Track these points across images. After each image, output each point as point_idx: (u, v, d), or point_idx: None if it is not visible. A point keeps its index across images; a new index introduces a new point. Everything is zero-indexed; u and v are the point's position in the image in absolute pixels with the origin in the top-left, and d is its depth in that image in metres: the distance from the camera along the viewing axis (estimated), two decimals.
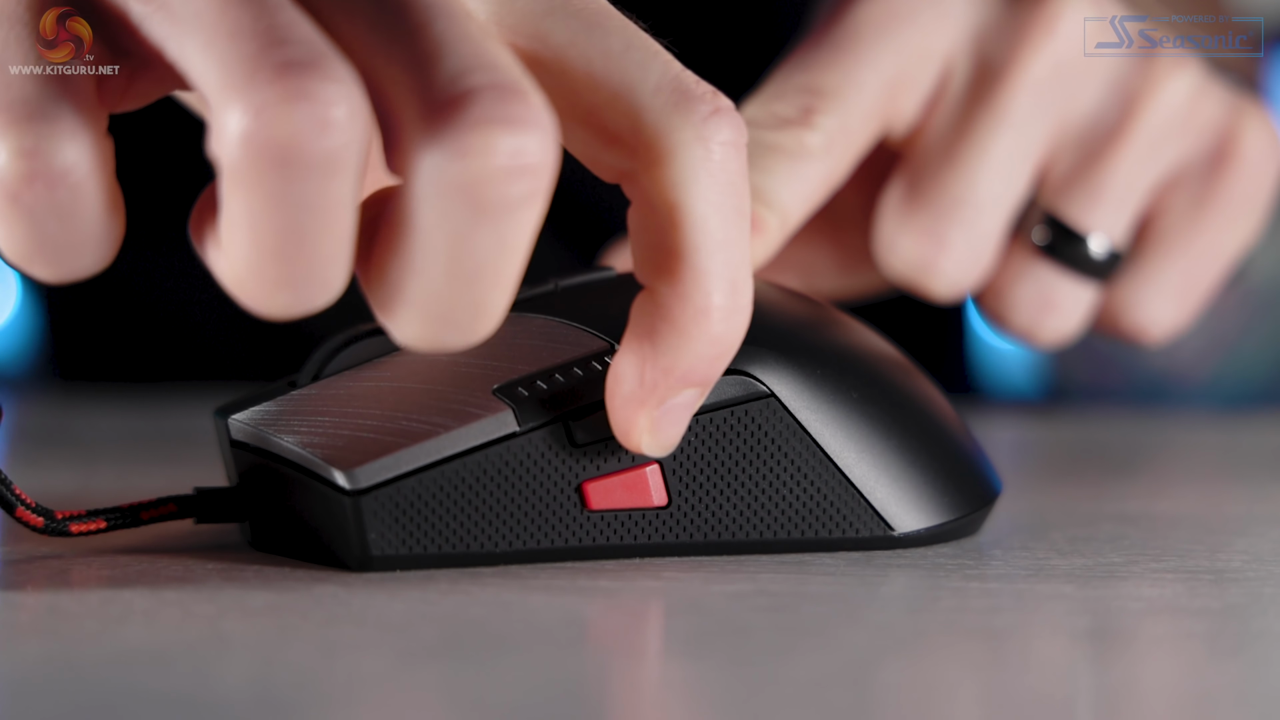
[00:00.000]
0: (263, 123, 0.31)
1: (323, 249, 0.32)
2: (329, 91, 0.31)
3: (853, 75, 0.47)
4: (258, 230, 0.32)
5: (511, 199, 0.32)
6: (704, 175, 0.34)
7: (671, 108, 0.34)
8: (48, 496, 0.39)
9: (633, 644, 0.33)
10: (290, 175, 0.31)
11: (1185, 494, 0.55)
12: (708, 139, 0.34)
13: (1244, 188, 0.50)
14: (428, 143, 0.32)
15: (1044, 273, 0.49)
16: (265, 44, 0.32)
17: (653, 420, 0.36)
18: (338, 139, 0.31)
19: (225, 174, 0.32)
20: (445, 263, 0.32)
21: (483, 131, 0.32)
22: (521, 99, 0.32)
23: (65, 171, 0.32)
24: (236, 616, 0.33)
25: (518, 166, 0.32)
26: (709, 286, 0.35)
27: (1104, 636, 0.33)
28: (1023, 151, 0.48)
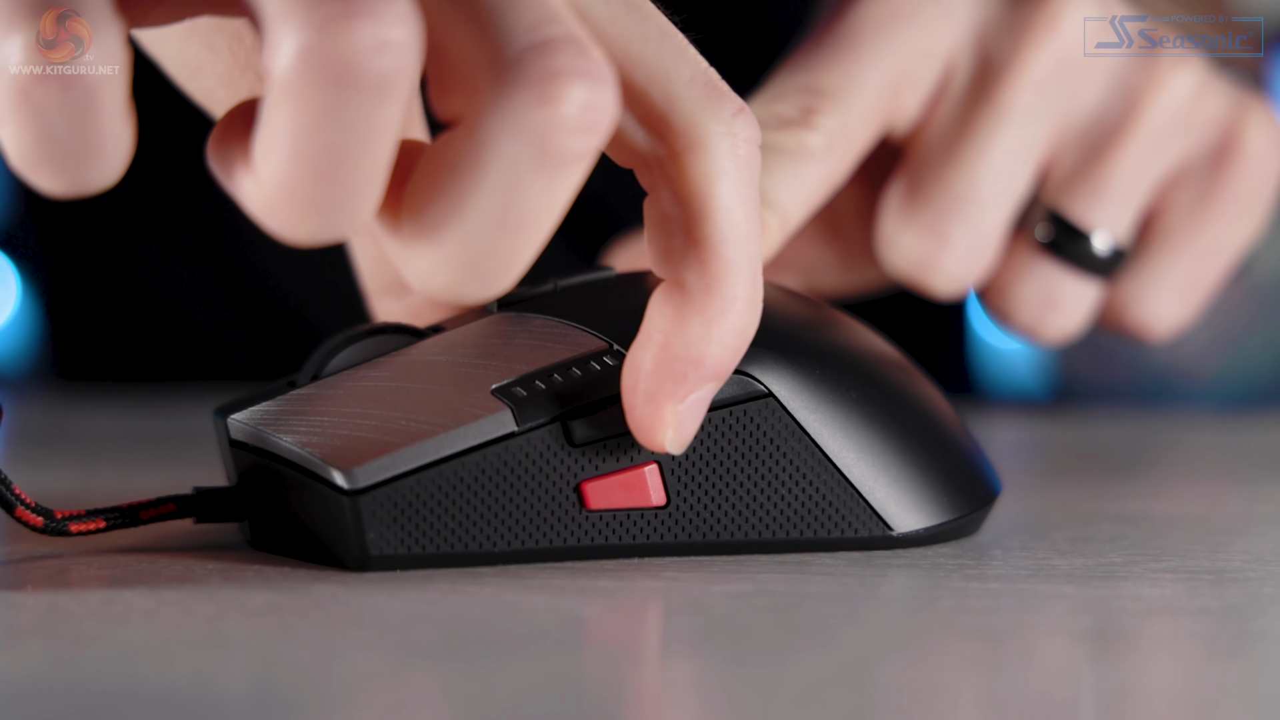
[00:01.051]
0: (324, 37, 0.31)
1: (361, 173, 0.32)
2: (391, 11, 0.31)
3: (854, 75, 0.47)
4: (301, 147, 0.32)
5: (575, 151, 0.32)
6: (732, 168, 0.35)
7: (705, 100, 0.35)
8: (48, 496, 0.39)
9: (633, 644, 0.33)
10: (344, 92, 0.31)
11: (1185, 494, 0.55)
12: (736, 134, 0.35)
13: (1247, 184, 0.50)
14: (505, 88, 0.32)
15: (1047, 270, 0.49)
16: None
17: (678, 415, 0.36)
18: (395, 60, 0.31)
19: (276, 87, 0.31)
20: (495, 208, 0.32)
21: (563, 81, 0.32)
22: (594, 54, 0.32)
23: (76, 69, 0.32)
24: (236, 616, 0.33)
25: (588, 120, 0.32)
26: (736, 277, 0.35)
27: (1104, 636, 0.33)
28: (1024, 149, 0.48)
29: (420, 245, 0.33)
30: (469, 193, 0.32)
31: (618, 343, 0.38)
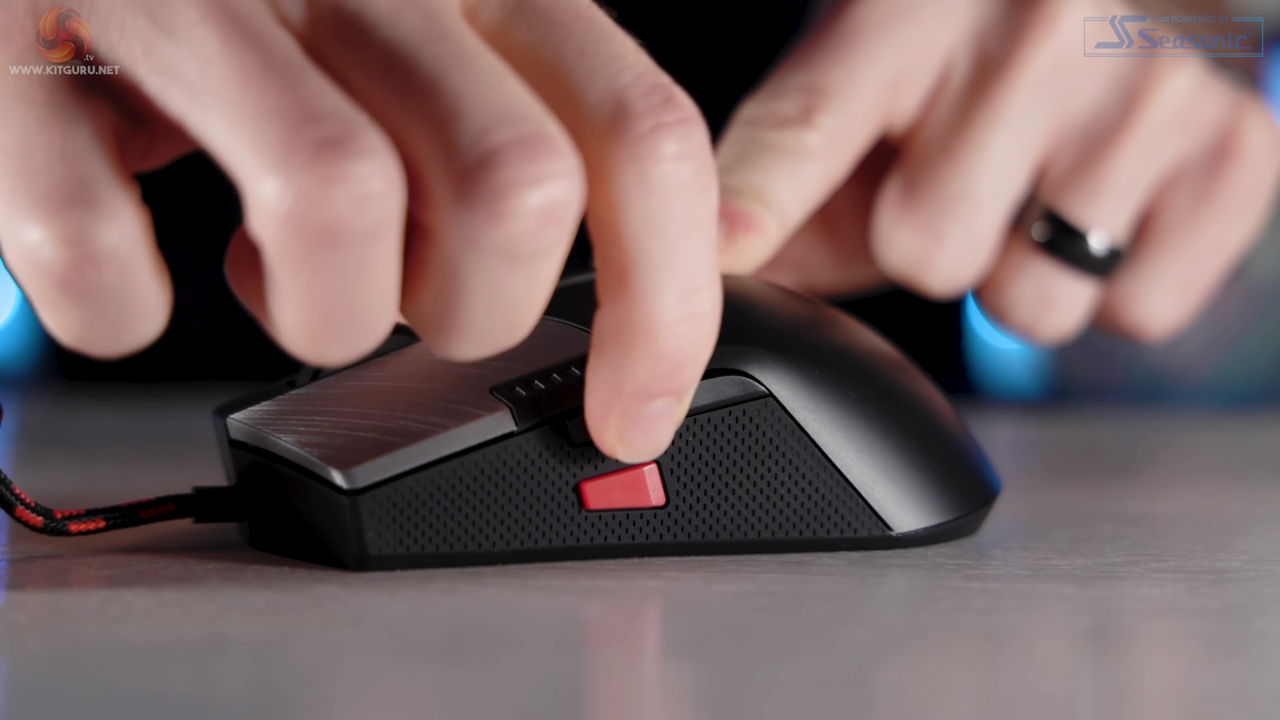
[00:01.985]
0: (303, 207, 0.32)
1: (371, 305, 0.33)
2: (365, 168, 0.32)
3: (853, 74, 0.47)
4: (307, 301, 0.32)
5: (544, 246, 0.33)
6: (638, 195, 0.34)
7: (608, 125, 0.34)
8: (48, 496, 0.39)
9: (633, 644, 0.33)
10: (334, 252, 0.32)
11: (1185, 494, 0.55)
12: (643, 158, 0.34)
13: (1245, 185, 0.50)
14: (458, 206, 0.32)
15: (1044, 269, 0.49)
16: (295, 123, 0.32)
17: (619, 432, 0.36)
18: (378, 212, 0.32)
19: (268, 252, 0.32)
20: (482, 304, 0.33)
21: (512, 196, 0.32)
22: (544, 147, 0.32)
23: (111, 252, 0.33)
24: (236, 616, 0.33)
25: (548, 221, 0.32)
26: (648, 305, 0.34)
27: (1104, 636, 0.33)
28: (1022, 147, 0.48)
29: (434, 331, 0.34)
30: (457, 296, 0.33)
31: None
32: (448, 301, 0.33)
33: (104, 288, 0.33)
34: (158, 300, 0.33)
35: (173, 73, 0.33)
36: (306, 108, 0.32)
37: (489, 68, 0.33)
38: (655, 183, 0.34)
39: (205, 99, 0.33)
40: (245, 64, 0.32)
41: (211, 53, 0.33)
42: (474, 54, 0.33)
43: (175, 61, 0.33)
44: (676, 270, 0.34)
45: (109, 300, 0.33)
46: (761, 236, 0.44)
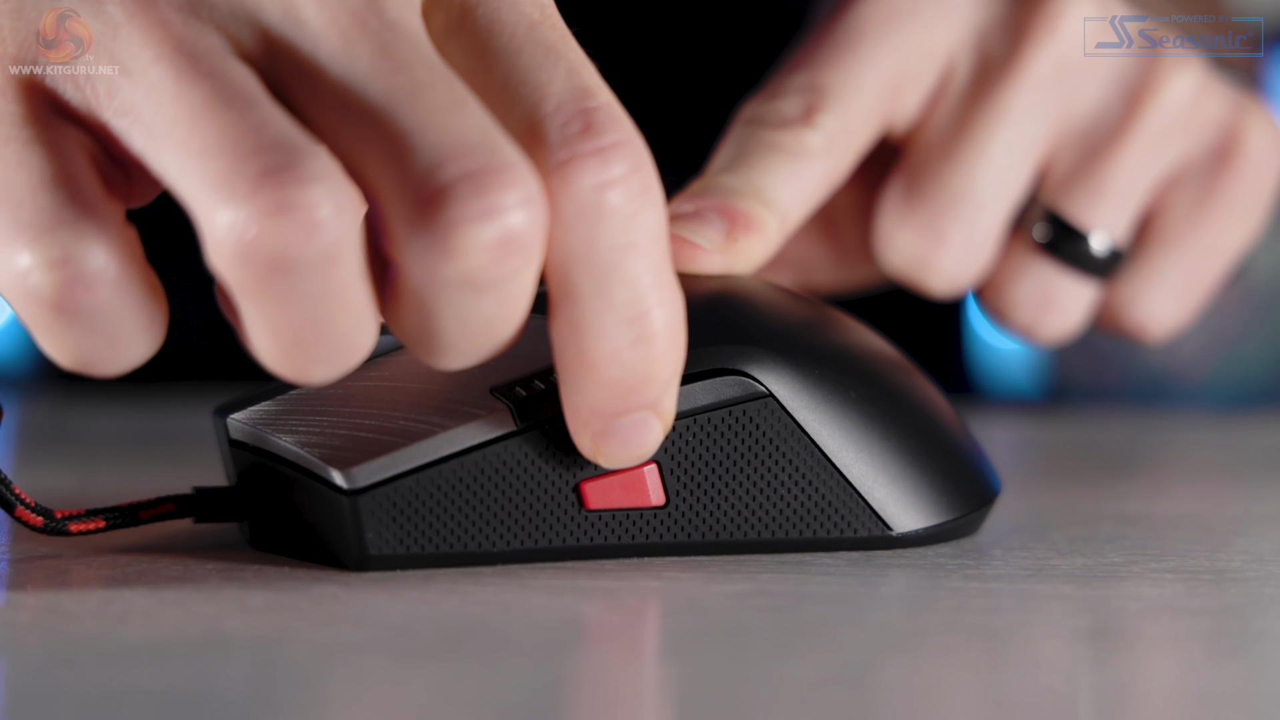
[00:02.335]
0: (251, 239, 0.32)
1: (343, 325, 0.33)
2: (309, 195, 0.32)
3: (854, 74, 0.47)
4: (274, 329, 0.33)
5: (507, 273, 0.33)
6: (556, 229, 0.34)
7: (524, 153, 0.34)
8: (48, 496, 0.39)
9: (633, 644, 0.33)
10: (290, 279, 0.32)
11: (1185, 494, 0.55)
12: (555, 191, 0.33)
13: (1246, 186, 0.50)
14: (413, 242, 0.32)
15: (1045, 270, 0.49)
16: (241, 155, 0.32)
17: (594, 443, 0.36)
18: (329, 235, 0.32)
19: (228, 285, 0.32)
20: (456, 326, 0.33)
21: (465, 231, 0.32)
22: (497, 178, 0.32)
23: (100, 271, 0.33)
24: (236, 616, 0.33)
25: (507, 248, 0.32)
26: (583, 337, 0.34)
27: (1104, 636, 0.33)
28: (1023, 148, 0.48)
29: (418, 347, 0.34)
30: (430, 321, 0.33)
31: None
32: (422, 325, 0.33)
33: (96, 307, 0.33)
34: (153, 315, 0.34)
35: (132, 113, 0.33)
36: (252, 139, 0.32)
37: (442, 98, 0.33)
38: (571, 216, 0.33)
39: (159, 137, 0.33)
40: (195, 99, 0.32)
41: (165, 91, 0.33)
42: (427, 85, 0.33)
43: (134, 102, 0.33)
44: (611, 299, 0.34)
45: (103, 320, 0.33)
46: (762, 237, 0.44)
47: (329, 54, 0.33)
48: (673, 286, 0.35)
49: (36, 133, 0.34)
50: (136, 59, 0.33)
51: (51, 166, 0.33)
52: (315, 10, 0.33)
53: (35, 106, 0.34)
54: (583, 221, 0.34)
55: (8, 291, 0.33)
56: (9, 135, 0.34)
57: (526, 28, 0.35)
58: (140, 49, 0.33)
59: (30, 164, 0.33)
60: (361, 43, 0.33)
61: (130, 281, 0.33)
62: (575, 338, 0.34)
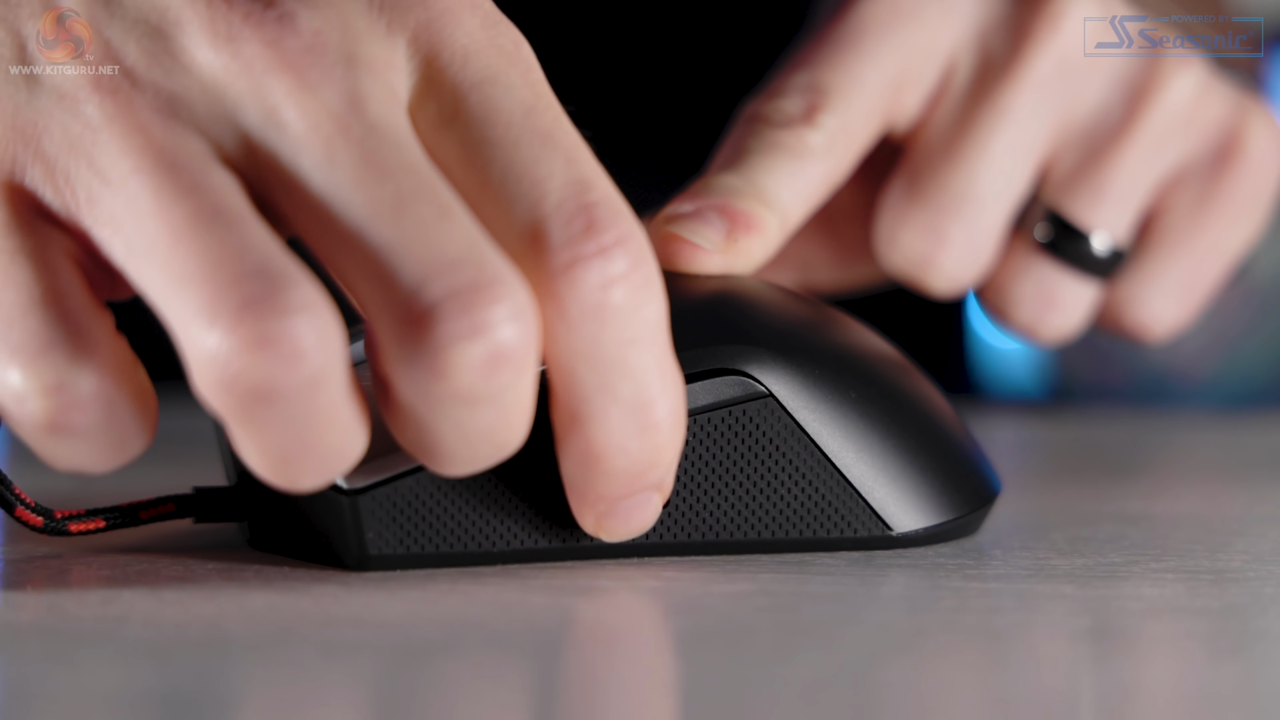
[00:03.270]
0: (234, 370, 0.31)
1: (330, 442, 0.33)
2: (291, 327, 0.31)
3: (856, 74, 0.47)
4: (262, 450, 0.32)
5: (501, 387, 0.32)
6: (561, 329, 0.33)
7: (525, 258, 0.33)
8: (47, 496, 0.39)
9: (633, 644, 0.33)
10: (275, 407, 0.32)
11: (1185, 494, 0.55)
12: (560, 294, 0.33)
13: (1248, 186, 0.50)
14: (403, 361, 0.32)
15: (1046, 270, 0.49)
16: (221, 283, 0.32)
17: (595, 521, 0.36)
18: (312, 365, 0.32)
19: (212, 409, 0.32)
20: (456, 439, 0.33)
21: (452, 352, 0.32)
22: (484, 294, 0.32)
23: (93, 394, 0.33)
24: (236, 616, 0.33)
25: (497, 364, 0.32)
26: (591, 432, 0.34)
27: (1104, 636, 0.33)
28: (1024, 148, 0.48)
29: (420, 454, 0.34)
30: (428, 436, 0.33)
31: None
32: (422, 436, 0.33)
33: (89, 426, 0.33)
34: (142, 423, 0.34)
35: (113, 224, 0.33)
36: (233, 266, 0.32)
37: (428, 208, 0.32)
38: (576, 317, 0.33)
39: (139, 254, 0.32)
40: (175, 219, 0.32)
41: (144, 206, 0.32)
42: (411, 195, 0.33)
43: (115, 213, 0.33)
44: (617, 394, 0.34)
45: (95, 434, 0.33)
46: (762, 237, 0.44)
47: (311, 165, 0.33)
48: (673, 373, 0.35)
49: (22, 242, 0.33)
50: (116, 167, 0.33)
51: (40, 284, 0.33)
52: (296, 115, 0.33)
53: (18, 210, 0.34)
54: (588, 321, 0.33)
55: (1, 408, 0.33)
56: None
57: (522, 114, 0.34)
58: (119, 157, 0.33)
59: (18, 281, 0.33)
60: (344, 151, 0.33)
61: (121, 398, 0.33)
62: (581, 431, 0.34)
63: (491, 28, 0.35)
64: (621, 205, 0.34)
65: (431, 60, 0.34)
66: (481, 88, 0.34)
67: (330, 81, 0.33)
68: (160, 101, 0.33)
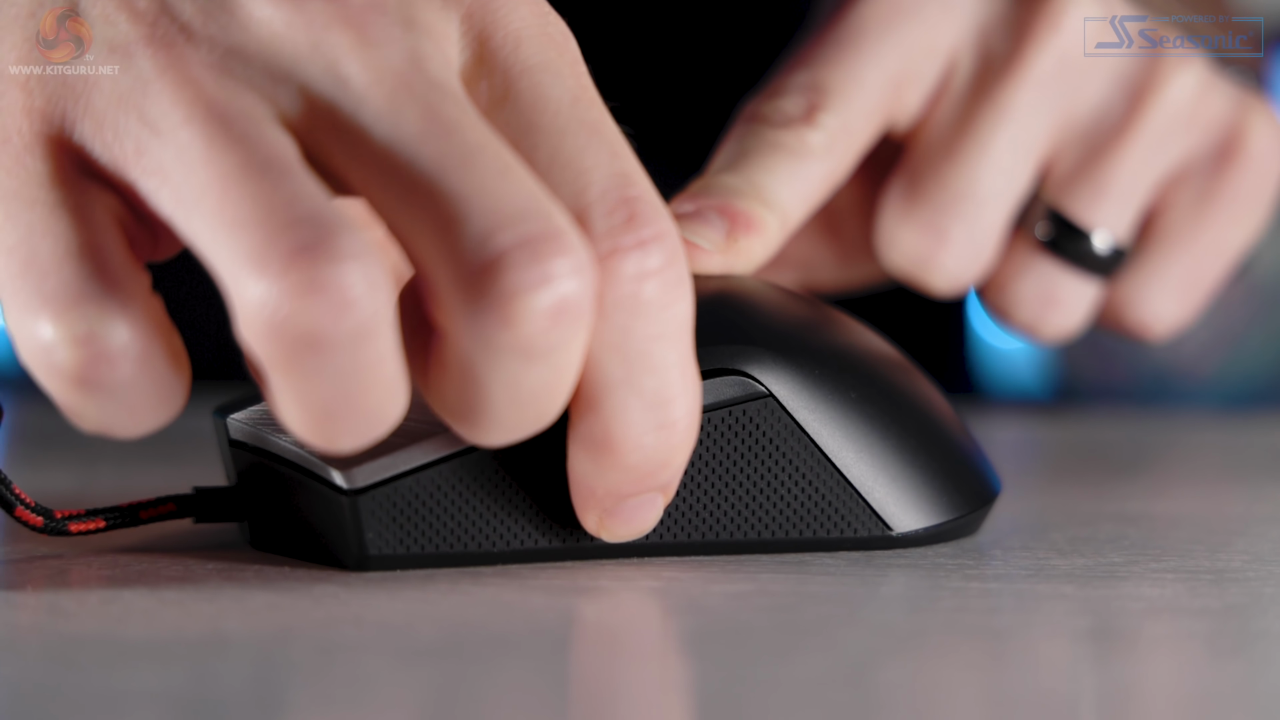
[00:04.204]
0: (282, 316, 0.31)
1: (373, 399, 0.32)
2: (342, 274, 0.31)
3: (856, 73, 0.47)
4: (304, 403, 0.32)
5: (560, 342, 0.32)
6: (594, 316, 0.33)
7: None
8: (48, 496, 0.39)
9: (633, 644, 0.33)
10: (320, 356, 0.32)
11: (1185, 494, 0.55)
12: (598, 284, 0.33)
13: (1249, 184, 0.50)
14: (467, 310, 0.32)
15: (1047, 268, 0.49)
16: (272, 229, 0.31)
17: (599, 520, 0.36)
18: (361, 314, 0.31)
19: (257, 358, 0.32)
20: (504, 397, 0.33)
21: (521, 299, 0.32)
22: (551, 245, 0.32)
23: (124, 348, 0.33)
24: (236, 616, 0.33)
25: (562, 315, 0.32)
26: (611, 423, 0.34)
27: (1104, 636, 0.33)
28: (1025, 146, 0.48)
29: (459, 420, 0.34)
30: (477, 391, 0.33)
31: None
32: (468, 395, 0.33)
33: (119, 382, 0.33)
34: (175, 384, 0.33)
35: (161, 174, 0.33)
36: (285, 213, 0.31)
37: (492, 162, 0.32)
38: (611, 306, 0.33)
39: (189, 203, 0.32)
40: (226, 167, 0.32)
41: (195, 155, 0.32)
42: (476, 149, 0.32)
43: (163, 163, 0.33)
44: (640, 387, 0.34)
45: (125, 392, 0.33)
46: (762, 237, 0.44)
47: (374, 115, 0.33)
48: (694, 375, 0.35)
49: (63, 196, 0.33)
50: (166, 117, 0.33)
51: (78, 236, 0.33)
52: (359, 68, 0.33)
53: (62, 166, 0.33)
54: (621, 311, 0.33)
55: (31, 360, 0.33)
56: (35, 197, 0.33)
57: (570, 104, 0.34)
58: (171, 107, 0.33)
59: (57, 231, 0.33)
60: (409, 104, 0.33)
61: (153, 356, 0.33)
62: (601, 423, 0.34)
63: (542, 17, 0.35)
64: (660, 203, 0.34)
65: (485, 40, 0.34)
66: (532, 73, 0.34)
67: (391, 39, 0.33)
68: (215, 57, 0.33)
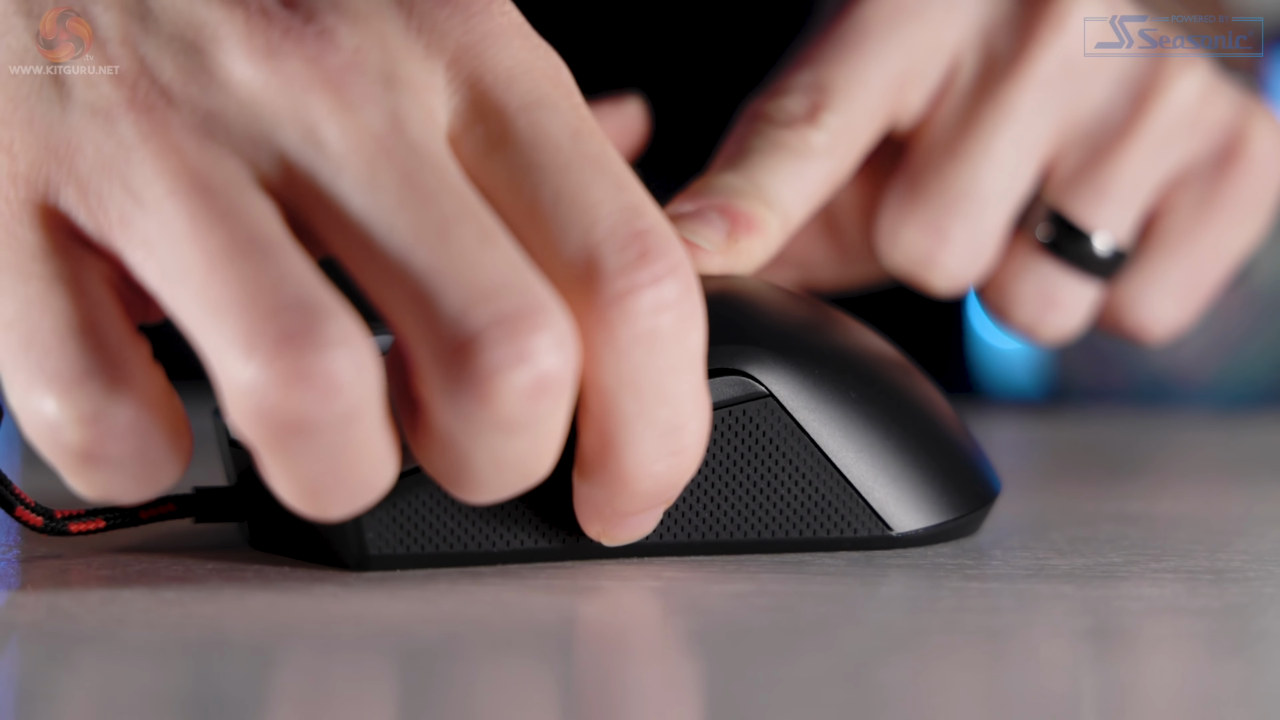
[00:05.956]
0: (270, 403, 0.31)
1: (361, 474, 0.32)
2: (329, 361, 0.31)
3: (859, 72, 0.47)
4: (294, 480, 0.32)
5: (541, 415, 0.32)
6: (609, 355, 0.33)
7: (579, 284, 0.33)
8: (48, 496, 0.39)
9: (633, 644, 0.33)
10: (308, 440, 0.31)
11: (1185, 494, 0.55)
12: (613, 322, 0.33)
13: (1250, 188, 0.50)
14: (446, 388, 0.32)
15: (1047, 269, 0.49)
16: (258, 314, 0.31)
17: (603, 531, 0.36)
18: (349, 399, 0.31)
19: (245, 438, 0.32)
20: (489, 467, 0.33)
21: (499, 379, 0.31)
22: (528, 321, 0.32)
23: (129, 425, 0.33)
24: (236, 616, 0.33)
25: (541, 392, 0.32)
26: (624, 455, 0.34)
27: (1104, 636, 0.33)
28: (1027, 147, 0.48)
29: (449, 483, 0.33)
30: (461, 462, 0.33)
31: None
32: (453, 463, 0.33)
33: (125, 456, 0.33)
34: (177, 453, 0.33)
35: (147, 247, 0.32)
36: (271, 298, 0.31)
37: (471, 232, 0.32)
38: (626, 344, 0.33)
39: (174, 280, 0.32)
40: (211, 246, 0.32)
41: (179, 231, 0.32)
42: (455, 219, 0.32)
43: (148, 236, 0.32)
44: (653, 419, 0.34)
45: (130, 464, 0.33)
46: (763, 237, 0.44)
47: (352, 186, 0.32)
48: (705, 399, 0.35)
49: (58, 268, 0.33)
50: (150, 188, 0.32)
51: (77, 311, 0.33)
52: (337, 134, 0.32)
53: (54, 234, 0.33)
54: (637, 349, 0.33)
55: (35, 436, 0.33)
56: (30, 271, 0.33)
57: (570, 139, 0.34)
58: (154, 179, 0.32)
59: (55, 308, 0.33)
60: (386, 172, 0.32)
61: (157, 429, 0.33)
62: (614, 456, 0.34)
63: (533, 50, 0.34)
64: (670, 232, 0.34)
65: (475, 83, 0.34)
66: (529, 111, 0.34)
67: (371, 101, 0.33)
68: (196, 120, 0.33)
